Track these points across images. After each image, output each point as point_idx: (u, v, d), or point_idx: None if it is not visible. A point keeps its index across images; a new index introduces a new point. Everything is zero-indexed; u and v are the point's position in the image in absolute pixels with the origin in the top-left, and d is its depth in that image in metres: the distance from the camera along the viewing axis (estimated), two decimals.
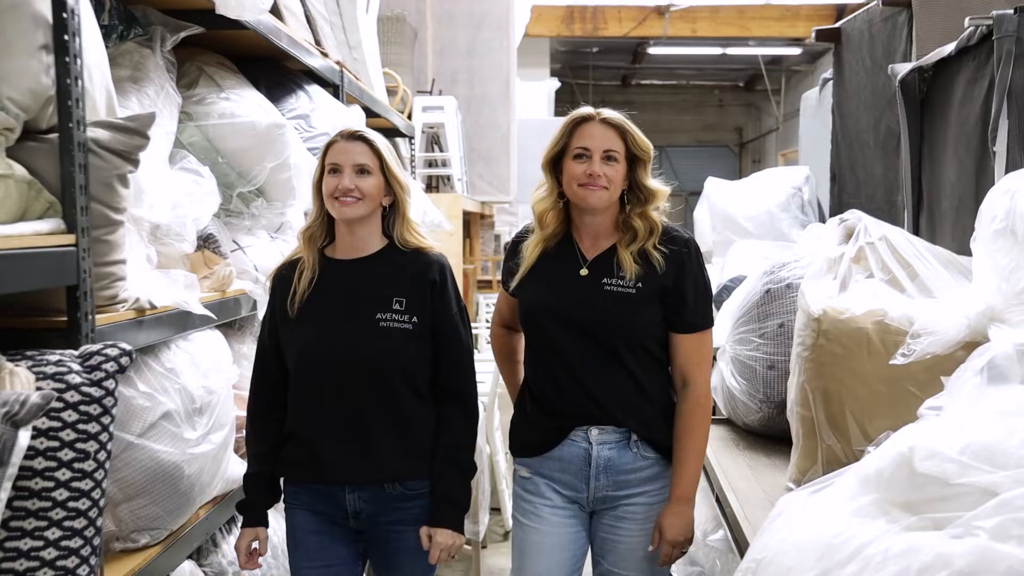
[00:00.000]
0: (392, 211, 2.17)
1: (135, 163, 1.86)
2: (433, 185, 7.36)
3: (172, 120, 2.61)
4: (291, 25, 3.48)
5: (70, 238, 1.69)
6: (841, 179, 4.30)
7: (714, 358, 2.97)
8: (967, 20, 2.66)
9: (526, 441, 2.20)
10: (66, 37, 1.65)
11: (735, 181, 4.70)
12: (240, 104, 2.96)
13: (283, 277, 2.17)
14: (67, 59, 1.66)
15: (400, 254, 2.15)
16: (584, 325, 2.07)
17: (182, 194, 2.47)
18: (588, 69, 16.44)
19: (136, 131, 1.82)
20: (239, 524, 2.31)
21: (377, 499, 2.11)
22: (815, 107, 4.80)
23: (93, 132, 1.76)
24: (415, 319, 2.08)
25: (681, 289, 2.06)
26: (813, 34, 4.28)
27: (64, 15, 1.65)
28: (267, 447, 2.18)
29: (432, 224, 4.98)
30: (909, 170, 3.40)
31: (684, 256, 2.07)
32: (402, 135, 5.94)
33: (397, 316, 2.08)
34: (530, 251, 2.16)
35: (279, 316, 2.15)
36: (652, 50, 14.44)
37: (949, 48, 2.91)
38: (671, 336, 2.11)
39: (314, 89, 3.66)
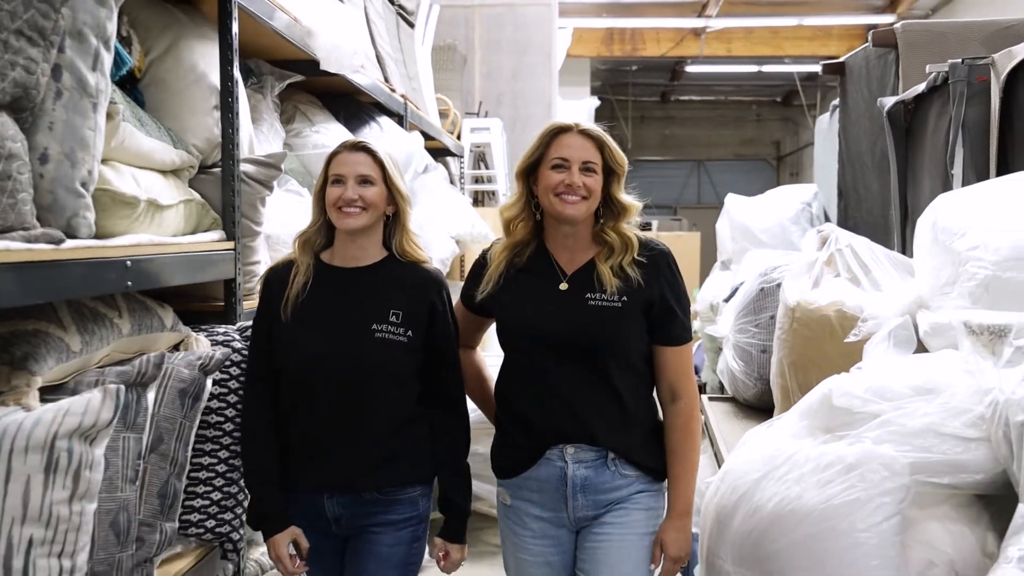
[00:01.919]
0: (393, 221, 2.13)
1: (271, 189, 2.50)
2: (479, 200, 7.94)
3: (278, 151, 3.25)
4: (366, 67, 4.11)
5: (230, 244, 2.32)
6: (846, 196, 4.82)
7: (720, 348, 3.52)
8: (927, 67, 3.20)
9: (504, 461, 2.14)
10: (230, 99, 2.30)
11: (752, 197, 5.24)
12: (328, 136, 3.62)
13: (279, 280, 2.11)
14: (230, 115, 2.30)
15: (399, 266, 2.12)
16: (569, 341, 2.01)
17: (288, 212, 3.10)
18: (628, 86, 17.00)
19: (273, 165, 2.46)
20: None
21: (354, 503, 2.08)
22: (826, 131, 5.31)
23: (244, 167, 2.39)
24: (410, 333, 2.06)
25: (668, 303, 2.04)
26: (820, 68, 4.81)
27: (229, 84, 2.30)
28: (277, 450, 2.10)
29: (479, 236, 5.58)
30: (896, 189, 3.92)
31: (666, 268, 2.06)
32: (452, 154, 6.58)
33: (393, 329, 2.05)
34: (496, 258, 2.11)
35: (273, 318, 2.09)
36: (690, 68, 14.94)
37: (921, 87, 3.45)
38: (657, 350, 2.07)
39: (384, 120, 4.32)
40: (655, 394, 2.15)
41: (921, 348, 2.33)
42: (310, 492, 2.09)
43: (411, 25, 5.76)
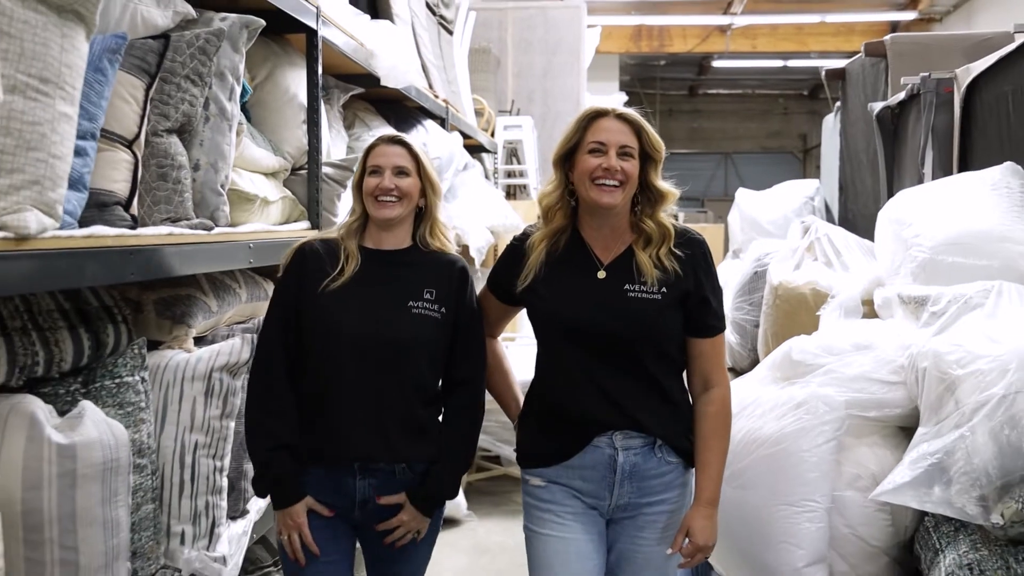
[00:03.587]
0: (423, 213, 2.18)
1: (344, 187, 3.05)
2: (512, 193, 8.48)
3: (343, 154, 3.81)
4: (412, 76, 4.66)
5: (315, 232, 2.88)
6: (846, 190, 5.30)
7: None
8: (902, 79, 3.69)
9: (542, 451, 2.08)
10: (315, 115, 2.86)
11: (760, 191, 5.73)
12: None
13: (314, 258, 2.11)
14: (315, 128, 2.86)
15: (423, 253, 2.17)
16: (609, 333, 1.99)
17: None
18: (656, 80, 17.43)
19: (347, 167, 3.02)
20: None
21: (386, 485, 2.06)
22: (831, 130, 5.79)
23: (324, 169, 2.95)
24: (443, 310, 2.11)
25: (704, 293, 2.02)
26: (823, 73, 5.29)
27: (314, 103, 2.86)
28: (293, 418, 2.05)
29: (511, 226, 6.12)
30: (885, 184, 4.40)
31: (701, 258, 2.04)
32: (487, 151, 7.12)
33: (428, 305, 2.10)
34: (536, 246, 2.08)
35: (307, 290, 2.08)
36: (716, 63, 15.37)
37: (901, 95, 3.93)
38: (691, 341, 2.05)
39: (428, 123, 4.87)
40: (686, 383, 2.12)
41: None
42: (339, 470, 2.05)
43: (450, 32, 6.31)
